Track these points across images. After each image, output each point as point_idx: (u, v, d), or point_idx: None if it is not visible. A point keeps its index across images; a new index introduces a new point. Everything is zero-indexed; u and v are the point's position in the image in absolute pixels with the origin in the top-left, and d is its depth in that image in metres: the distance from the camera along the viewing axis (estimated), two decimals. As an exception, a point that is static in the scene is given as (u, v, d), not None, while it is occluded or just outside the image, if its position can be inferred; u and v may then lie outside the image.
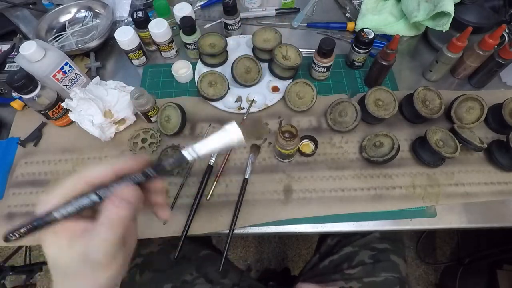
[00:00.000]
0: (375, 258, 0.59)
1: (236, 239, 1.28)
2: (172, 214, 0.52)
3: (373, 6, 0.72)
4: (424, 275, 1.21)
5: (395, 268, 0.59)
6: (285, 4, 0.79)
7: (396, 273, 0.58)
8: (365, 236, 0.63)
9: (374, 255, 0.60)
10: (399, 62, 0.68)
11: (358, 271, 0.58)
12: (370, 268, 0.58)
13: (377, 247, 0.61)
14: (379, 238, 0.62)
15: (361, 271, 0.58)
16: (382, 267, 0.58)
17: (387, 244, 0.62)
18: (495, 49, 0.57)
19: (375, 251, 0.60)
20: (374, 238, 0.62)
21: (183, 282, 0.58)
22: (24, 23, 0.76)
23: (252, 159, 0.56)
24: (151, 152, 0.58)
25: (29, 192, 0.55)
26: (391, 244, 0.62)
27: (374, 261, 0.59)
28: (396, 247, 0.62)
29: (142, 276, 0.59)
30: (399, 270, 0.59)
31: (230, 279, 0.61)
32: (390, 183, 0.55)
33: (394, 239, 0.63)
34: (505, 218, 0.52)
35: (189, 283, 0.58)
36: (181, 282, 0.58)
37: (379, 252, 0.60)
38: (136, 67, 0.70)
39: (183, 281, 0.58)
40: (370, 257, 0.60)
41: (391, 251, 0.61)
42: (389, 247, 0.61)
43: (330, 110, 0.59)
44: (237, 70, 0.63)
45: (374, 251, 0.60)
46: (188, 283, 0.58)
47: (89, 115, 0.55)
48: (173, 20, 0.71)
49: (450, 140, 0.53)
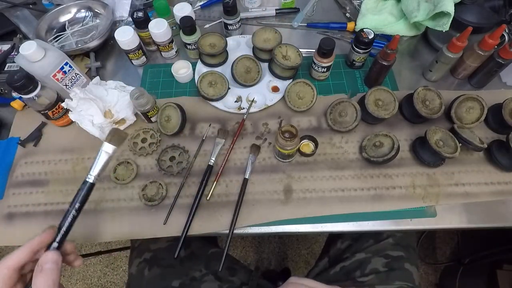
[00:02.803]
0: (389, 266, 0.58)
1: (236, 239, 1.28)
2: (172, 214, 0.52)
3: (373, 6, 0.72)
4: (424, 275, 1.21)
5: (409, 277, 0.57)
6: (285, 4, 0.79)
7: (410, 282, 0.57)
8: (378, 242, 0.61)
9: (388, 263, 0.58)
10: (399, 62, 0.68)
11: (371, 278, 0.57)
12: (384, 276, 0.57)
13: (390, 255, 0.59)
14: (392, 245, 0.60)
15: (374, 279, 0.57)
16: (396, 276, 0.57)
17: (401, 252, 0.60)
18: (495, 49, 0.57)
19: (389, 258, 0.59)
20: (388, 245, 0.60)
21: (191, 278, 0.58)
22: (24, 23, 0.76)
23: (252, 159, 0.56)
24: (151, 152, 0.58)
25: (29, 192, 0.55)
26: (405, 251, 0.60)
27: (388, 269, 0.57)
28: (409, 255, 0.60)
29: (151, 271, 0.59)
30: (413, 279, 0.58)
31: (239, 277, 0.61)
32: (390, 183, 0.55)
33: (407, 246, 0.62)
34: (505, 218, 0.52)
35: (197, 280, 0.58)
36: (190, 279, 0.57)
37: (393, 260, 0.58)
38: (136, 67, 0.70)
39: (192, 277, 0.58)
40: (383, 265, 0.58)
41: (405, 259, 0.59)
42: (403, 254, 0.59)
43: (330, 110, 0.59)
44: (237, 70, 0.63)
45: (388, 259, 0.59)
46: (196, 280, 0.57)
47: (89, 115, 0.55)
48: (173, 20, 0.71)
49: (450, 140, 0.53)
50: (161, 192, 0.54)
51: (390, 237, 0.61)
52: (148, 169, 0.57)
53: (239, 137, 0.59)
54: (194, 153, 0.58)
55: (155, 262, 0.60)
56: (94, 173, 0.39)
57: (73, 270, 1.26)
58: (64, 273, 1.26)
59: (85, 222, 0.53)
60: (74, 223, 0.38)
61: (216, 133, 0.59)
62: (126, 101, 0.58)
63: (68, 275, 1.26)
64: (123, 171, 0.56)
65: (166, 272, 0.58)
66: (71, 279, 1.25)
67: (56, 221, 0.52)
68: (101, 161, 0.40)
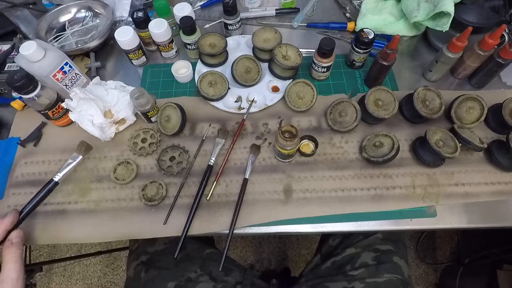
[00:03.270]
0: (378, 260, 0.59)
1: (236, 239, 1.28)
2: (172, 214, 0.52)
3: (373, 6, 0.72)
4: (424, 275, 1.21)
5: (398, 269, 0.59)
6: (285, 4, 0.79)
7: (399, 274, 0.58)
8: (368, 237, 0.62)
9: (377, 257, 0.60)
10: (399, 62, 0.68)
11: (361, 272, 0.58)
12: (373, 269, 0.58)
13: (380, 249, 0.61)
14: (381, 239, 0.62)
15: (364, 272, 0.58)
16: (385, 269, 0.58)
17: (389, 246, 0.61)
18: (495, 49, 0.57)
19: (378, 252, 0.60)
20: (376, 239, 0.62)
21: (187, 280, 0.58)
22: (24, 23, 0.76)
23: (252, 159, 0.56)
24: (151, 152, 0.58)
25: (29, 192, 0.55)
26: (394, 245, 0.62)
27: (377, 262, 0.59)
28: (398, 249, 0.62)
29: (147, 273, 0.59)
30: (402, 271, 0.59)
31: (233, 277, 0.61)
32: (390, 183, 0.55)
33: (396, 240, 0.63)
34: (505, 218, 0.52)
35: (193, 281, 0.58)
36: (185, 280, 0.58)
37: (382, 254, 0.60)
38: (136, 67, 0.70)
39: (187, 279, 0.58)
40: (373, 259, 0.59)
41: (394, 253, 0.60)
42: (392, 248, 0.61)
43: (330, 110, 0.59)
44: (237, 70, 0.63)
45: (377, 253, 0.60)
46: (192, 281, 0.58)
47: (89, 115, 0.55)
48: (173, 20, 0.71)
49: (450, 140, 0.53)
50: (161, 192, 0.54)
51: (378, 232, 0.62)
52: (148, 169, 0.57)
53: (239, 137, 0.59)
54: (194, 153, 0.58)
55: (151, 265, 0.60)
56: (61, 174, 0.52)
57: (73, 270, 1.26)
58: (64, 273, 1.26)
59: (85, 222, 0.53)
60: (32, 210, 0.49)
61: (216, 133, 0.59)
62: (126, 101, 0.58)
63: (68, 275, 1.26)
64: (123, 171, 0.56)
65: (162, 274, 0.59)
66: (71, 279, 1.25)
67: (56, 220, 0.53)
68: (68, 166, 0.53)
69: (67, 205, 0.54)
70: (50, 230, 0.52)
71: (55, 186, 0.52)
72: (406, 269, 0.60)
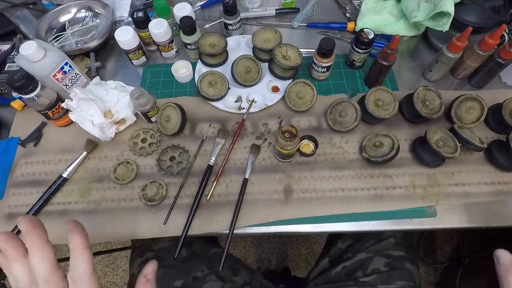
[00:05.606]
0: (390, 266, 0.58)
1: (236, 239, 1.28)
2: (172, 214, 0.52)
3: (373, 6, 0.72)
4: (424, 275, 1.21)
5: (410, 276, 0.58)
6: (285, 4, 0.79)
7: (411, 281, 0.57)
8: (380, 242, 0.61)
9: (389, 263, 0.58)
10: (399, 62, 0.68)
11: (372, 278, 0.57)
12: (386, 276, 0.57)
13: (392, 254, 0.59)
14: (394, 244, 0.61)
15: (376, 279, 0.57)
16: (398, 275, 0.57)
17: (402, 252, 0.60)
18: (495, 49, 0.57)
19: (390, 258, 0.59)
20: (389, 244, 0.61)
21: (194, 278, 0.57)
22: (24, 23, 0.76)
23: (252, 159, 0.56)
24: (151, 152, 0.58)
25: (29, 192, 0.55)
26: (406, 251, 0.61)
27: (389, 268, 0.58)
28: (410, 255, 0.61)
29: None
30: (414, 278, 0.58)
31: (241, 277, 0.61)
32: (390, 183, 0.55)
33: (408, 245, 0.62)
34: (505, 218, 0.52)
35: (200, 280, 0.58)
36: (192, 279, 0.57)
37: (394, 260, 0.59)
38: (136, 67, 0.70)
39: (194, 277, 0.58)
40: (385, 265, 0.58)
41: (406, 259, 0.59)
42: (404, 254, 0.60)
43: (330, 110, 0.59)
44: (237, 70, 0.63)
45: (389, 258, 0.59)
46: (199, 280, 0.57)
47: (89, 115, 0.55)
48: (173, 20, 0.71)
49: (450, 140, 0.53)
50: (161, 192, 0.54)
51: (391, 237, 0.61)
52: (148, 169, 0.57)
53: (239, 137, 0.59)
54: (194, 153, 0.58)
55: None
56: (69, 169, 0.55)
57: (73, 270, 1.26)
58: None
59: (85, 222, 0.52)
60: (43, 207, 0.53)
61: (216, 133, 0.59)
62: (126, 101, 0.58)
63: (68, 275, 1.25)
64: (123, 171, 0.56)
65: (168, 272, 0.58)
66: (71, 279, 1.25)
67: (56, 221, 0.53)
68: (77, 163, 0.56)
69: (67, 205, 0.54)
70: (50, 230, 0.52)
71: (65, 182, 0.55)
72: (417, 276, 0.59)
